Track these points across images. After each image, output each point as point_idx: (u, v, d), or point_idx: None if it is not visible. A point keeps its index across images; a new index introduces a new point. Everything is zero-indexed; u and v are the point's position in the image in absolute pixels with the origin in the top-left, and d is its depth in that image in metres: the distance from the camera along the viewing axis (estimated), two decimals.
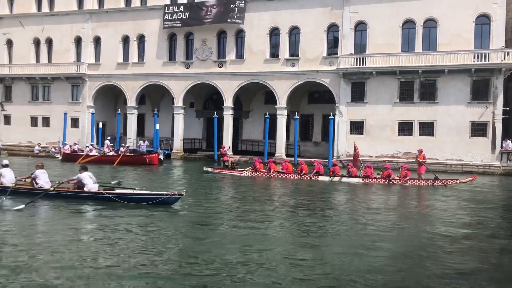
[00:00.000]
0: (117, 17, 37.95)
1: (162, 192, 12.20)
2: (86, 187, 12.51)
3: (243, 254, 7.59)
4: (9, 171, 13.31)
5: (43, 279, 6.09)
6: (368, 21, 31.34)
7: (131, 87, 37.61)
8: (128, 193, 12.26)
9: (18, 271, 6.32)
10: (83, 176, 12.66)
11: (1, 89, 42.16)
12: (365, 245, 8.48)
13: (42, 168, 13.13)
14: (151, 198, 11.78)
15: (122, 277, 6.23)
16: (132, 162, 27.51)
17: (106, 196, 12.05)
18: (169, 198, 11.71)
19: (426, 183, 20.01)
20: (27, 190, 12.72)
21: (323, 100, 35.44)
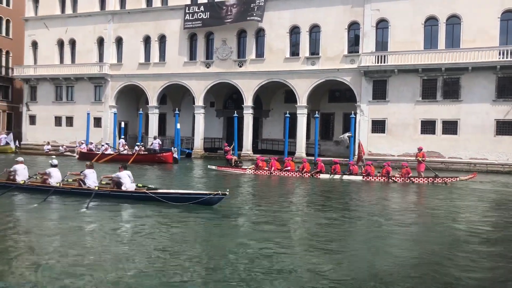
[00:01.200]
0: (138, 18, 38.38)
1: (206, 192, 12.10)
2: (124, 186, 12.50)
3: (295, 257, 7.37)
4: (57, 171, 13.40)
5: (94, 278, 6.10)
6: (390, 18, 30.95)
7: (152, 87, 38.00)
8: (171, 193, 12.21)
9: (71, 271, 6.33)
10: (122, 174, 12.61)
11: (26, 90, 43.09)
12: (399, 247, 8.37)
13: (91, 168, 13.21)
14: (194, 197, 11.70)
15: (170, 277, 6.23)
16: (146, 161, 27.75)
17: (149, 196, 12.04)
18: (212, 198, 11.57)
19: (426, 181, 19.98)
20: (71, 189, 12.89)
21: (344, 98, 35.16)
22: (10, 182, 13.47)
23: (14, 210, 11.13)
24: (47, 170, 13.39)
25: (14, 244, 7.85)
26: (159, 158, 28.17)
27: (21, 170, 13.62)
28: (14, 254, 7.20)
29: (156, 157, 28.46)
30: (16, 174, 13.53)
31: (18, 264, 6.67)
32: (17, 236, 8.50)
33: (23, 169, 13.70)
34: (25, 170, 13.74)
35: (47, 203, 11.67)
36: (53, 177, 13.19)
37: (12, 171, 13.64)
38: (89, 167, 13.23)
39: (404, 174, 20.30)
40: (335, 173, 21.11)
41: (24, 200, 12.17)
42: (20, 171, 13.58)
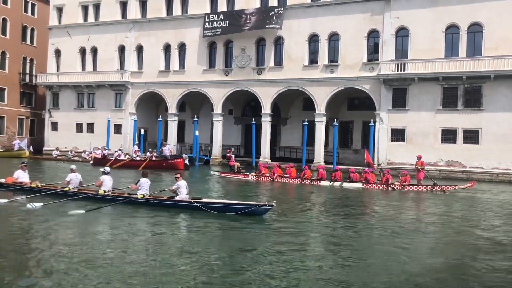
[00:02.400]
0: (159, 26, 38.91)
1: (252, 202, 11.92)
2: (179, 196, 12.42)
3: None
4: (109, 179, 13.56)
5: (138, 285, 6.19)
6: (410, 26, 30.74)
7: (171, 94, 38.39)
8: (217, 203, 12.11)
9: (111, 278, 6.43)
10: (181, 184, 12.51)
11: (49, 97, 43.96)
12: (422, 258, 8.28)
13: (146, 177, 13.23)
14: (240, 208, 11.51)
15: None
16: (158, 167, 28.05)
17: (194, 205, 11.93)
18: (258, 208, 11.38)
19: (426, 189, 20.08)
20: (114, 197, 12.98)
21: (363, 106, 34.96)
22: (56, 189, 13.79)
23: (60, 218, 10.98)
24: (101, 177, 13.56)
25: (69, 250, 7.90)
26: (170, 164, 28.47)
27: (74, 179, 14.00)
28: (74, 259, 7.28)
29: (167, 163, 28.79)
30: (69, 183, 13.90)
31: (72, 268, 6.80)
32: (69, 241, 8.63)
33: (76, 178, 14.07)
34: (77, 179, 14.12)
35: (92, 210, 11.60)
36: (105, 185, 13.36)
37: (68, 180, 14.02)
38: (144, 175, 13.25)
39: (402, 182, 20.51)
40: (335, 180, 21.40)
41: (71, 208, 12.03)
42: (73, 180, 13.96)
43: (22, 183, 14.62)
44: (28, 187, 14.24)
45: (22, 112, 49.53)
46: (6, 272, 6.50)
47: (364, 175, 21.33)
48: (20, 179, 14.83)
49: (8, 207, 11.78)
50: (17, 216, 10.81)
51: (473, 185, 20.25)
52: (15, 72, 48.44)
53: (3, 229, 9.41)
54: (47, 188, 14.18)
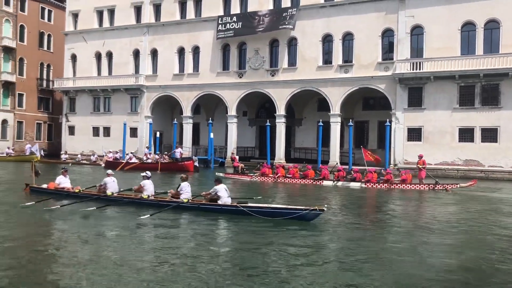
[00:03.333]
0: (172, 30, 39.19)
1: (301, 207, 11.27)
2: (220, 200, 12.00)
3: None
4: (150, 184, 13.28)
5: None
6: (425, 24, 30.44)
7: (186, 97, 38.61)
8: (263, 207, 11.65)
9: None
10: (219, 188, 12.13)
11: (66, 101, 44.58)
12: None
13: (186, 181, 12.88)
14: (288, 212, 10.99)
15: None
16: (168, 169, 28.25)
17: (240, 210, 11.46)
18: (308, 213, 10.79)
19: (427, 188, 20.26)
20: (158, 202, 12.64)
21: (379, 106, 34.70)
22: (100, 194, 13.62)
23: (102, 222, 10.86)
24: (141, 182, 13.27)
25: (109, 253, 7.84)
26: (180, 166, 28.68)
27: (110, 182, 13.74)
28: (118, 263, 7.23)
29: (177, 165, 29.01)
30: (106, 187, 13.65)
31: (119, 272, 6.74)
32: (112, 245, 8.53)
33: (113, 182, 13.80)
34: (114, 183, 13.83)
35: (135, 215, 11.40)
36: (147, 190, 13.09)
37: (103, 184, 13.80)
38: (184, 180, 12.86)
39: (403, 179, 20.90)
40: (338, 180, 21.67)
41: (112, 213, 11.93)
42: (110, 184, 13.70)
43: (64, 188, 14.54)
44: (71, 192, 14.14)
45: (40, 117, 50.34)
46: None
47: (386, 176, 21.25)
48: (62, 185, 14.70)
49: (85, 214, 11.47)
50: (81, 222, 10.64)
51: (474, 183, 20.28)
52: (33, 78, 49.28)
53: (80, 236, 9.19)
54: (90, 193, 13.99)
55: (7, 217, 10.99)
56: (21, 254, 7.58)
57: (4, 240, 8.52)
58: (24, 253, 7.63)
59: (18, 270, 6.69)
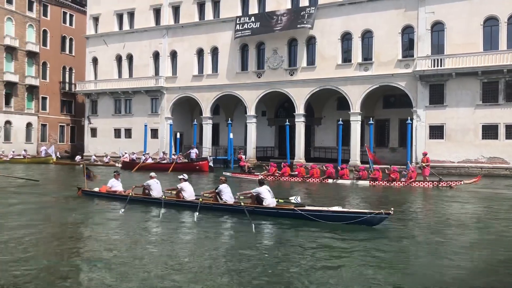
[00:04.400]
0: (191, 31, 39.47)
1: (365, 211, 10.73)
2: (264, 202, 11.55)
3: None
4: (188, 185, 13.02)
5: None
6: (446, 20, 29.98)
7: (205, 98, 38.85)
8: (324, 211, 10.93)
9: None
10: (262, 190, 11.66)
11: (88, 104, 45.34)
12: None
13: (225, 183, 12.55)
14: (352, 217, 10.34)
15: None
16: (183, 169, 28.41)
17: (298, 213, 10.91)
18: (373, 217, 10.12)
19: (432, 185, 20.44)
20: (204, 204, 12.26)
21: (399, 104, 34.31)
22: (150, 197, 13.48)
23: (153, 223, 10.80)
24: (179, 185, 13.03)
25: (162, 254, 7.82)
26: (195, 166, 28.91)
27: (154, 184, 13.57)
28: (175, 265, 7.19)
29: (192, 165, 29.28)
30: (150, 189, 13.52)
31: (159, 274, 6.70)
32: (158, 245, 8.52)
33: (156, 184, 13.61)
34: (158, 185, 13.65)
35: (183, 217, 11.33)
36: (185, 191, 12.87)
37: (146, 186, 13.64)
38: (223, 181, 12.58)
39: (409, 178, 20.99)
40: (342, 178, 22.17)
41: (165, 215, 11.66)
42: (153, 186, 13.55)
43: (116, 191, 14.46)
44: (123, 195, 13.98)
45: (63, 120, 51.33)
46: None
47: (374, 172, 21.66)
48: (114, 188, 14.62)
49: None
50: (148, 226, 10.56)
51: (478, 179, 20.51)
52: (55, 81, 50.31)
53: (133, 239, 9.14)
54: (142, 196, 13.76)
55: (63, 220, 11.09)
56: (74, 258, 7.62)
57: (56, 242, 8.73)
58: (78, 258, 7.65)
59: (74, 272, 6.79)
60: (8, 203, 13.66)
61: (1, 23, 44.57)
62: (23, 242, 8.51)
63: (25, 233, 9.28)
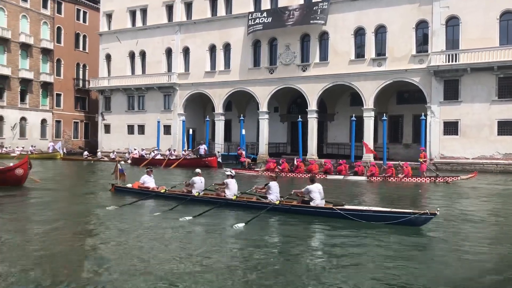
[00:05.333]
0: (204, 27, 39.51)
1: (409, 210, 10.10)
2: (313, 202, 11.00)
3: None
4: (234, 183, 12.56)
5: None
6: (461, 15, 29.57)
7: (218, 94, 38.90)
8: (365, 210, 10.48)
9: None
10: (313, 188, 11.05)
11: (101, 100, 45.70)
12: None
13: (275, 180, 12.00)
14: (394, 217, 9.84)
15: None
16: (192, 165, 28.67)
17: (337, 213, 10.48)
18: (417, 218, 9.61)
19: (429, 180, 20.80)
20: (247, 202, 12.01)
21: (413, 100, 33.98)
22: (186, 194, 13.17)
23: (191, 224, 10.24)
24: (225, 180, 12.57)
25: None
26: (204, 162, 29.18)
27: (198, 183, 13.17)
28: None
29: (201, 161, 29.56)
30: (193, 187, 13.14)
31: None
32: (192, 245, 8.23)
33: (200, 182, 13.21)
34: (202, 183, 13.26)
35: (219, 215, 10.96)
36: (229, 189, 12.35)
37: (190, 183, 13.28)
38: (273, 179, 12.00)
39: (405, 174, 21.36)
40: (340, 174, 22.47)
41: (197, 211, 11.20)
42: (197, 184, 13.14)
43: (149, 188, 14.25)
44: (156, 192, 13.83)
45: (77, 116, 51.85)
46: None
47: (370, 168, 22.08)
48: (147, 184, 14.43)
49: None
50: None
51: (475, 175, 20.83)
52: (69, 78, 50.80)
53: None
54: (176, 193, 13.53)
55: (95, 218, 11.06)
56: (107, 254, 7.58)
57: (87, 238, 8.80)
58: (112, 254, 7.54)
59: (104, 268, 6.75)
60: (51, 201, 13.64)
61: (16, 20, 45.10)
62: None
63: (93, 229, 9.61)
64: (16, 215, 11.20)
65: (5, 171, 15.95)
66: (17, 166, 15.95)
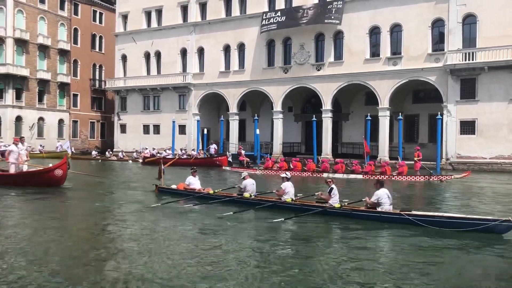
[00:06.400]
0: (218, 28, 39.65)
1: (488, 217, 9.29)
2: (381, 208, 10.25)
3: None
4: (291, 186, 12.01)
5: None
6: (478, 13, 29.18)
7: (232, 94, 39.01)
8: (436, 216, 9.71)
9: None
10: (381, 194, 10.31)
11: (117, 101, 46.19)
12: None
13: (332, 184, 11.30)
14: (470, 223, 9.04)
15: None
16: (202, 164, 28.84)
17: (405, 218, 9.75)
18: (497, 225, 8.76)
19: (423, 179, 21.01)
20: (302, 206, 11.37)
21: (429, 99, 33.64)
22: (235, 196, 12.80)
23: (238, 227, 9.92)
24: (283, 185, 11.98)
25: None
26: (214, 161, 29.43)
27: (250, 185, 12.73)
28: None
29: (212, 161, 29.67)
30: (245, 190, 12.66)
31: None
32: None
33: (252, 185, 12.77)
34: (253, 186, 12.81)
35: (288, 221, 10.29)
36: (288, 193, 11.87)
37: (243, 188, 12.78)
38: (329, 183, 11.32)
39: (399, 172, 21.68)
40: (336, 172, 22.73)
41: (249, 217, 10.97)
42: (249, 187, 12.69)
43: (195, 189, 13.87)
44: (203, 193, 13.38)
45: (93, 116, 52.51)
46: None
47: (366, 167, 22.51)
48: (192, 186, 14.03)
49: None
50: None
51: (468, 174, 21.09)
52: (86, 79, 51.49)
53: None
54: (225, 195, 13.03)
55: (136, 217, 10.82)
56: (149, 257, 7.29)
57: (129, 240, 8.51)
58: (154, 257, 7.29)
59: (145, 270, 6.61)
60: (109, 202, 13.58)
61: (34, 22, 45.85)
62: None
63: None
64: (67, 217, 11.17)
65: (45, 172, 15.79)
66: (56, 166, 15.67)
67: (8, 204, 12.75)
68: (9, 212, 11.26)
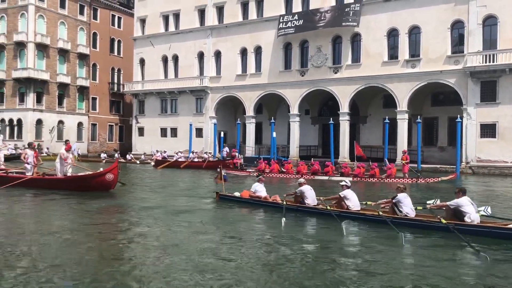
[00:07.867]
0: (235, 31, 39.79)
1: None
2: (467, 217, 9.13)
3: None
4: (352, 193, 11.11)
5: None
6: (499, 14, 28.71)
7: (249, 97, 39.07)
8: (486, 226, 8.89)
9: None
10: (463, 201, 9.30)
11: (135, 104, 46.66)
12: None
13: (404, 192, 10.23)
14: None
15: None
16: (214, 167, 28.77)
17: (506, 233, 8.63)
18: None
19: (410, 181, 21.29)
20: (364, 216, 10.51)
21: (449, 101, 33.18)
22: (298, 204, 11.91)
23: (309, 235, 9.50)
24: (341, 193, 11.11)
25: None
26: (226, 164, 29.44)
27: (308, 191, 11.88)
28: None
29: (223, 163, 29.64)
30: (304, 197, 11.82)
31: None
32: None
33: (310, 190, 11.94)
34: (312, 191, 11.95)
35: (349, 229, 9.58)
36: (350, 199, 10.99)
37: (299, 193, 11.93)
38: (401, 190, 10.20)
39: (388, 175, 22.10)
40: (326, 174, 23.26)
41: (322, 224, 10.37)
42: (307, 193, 11.83)
43: (261, 197, 12.77)
44: (271, 202, 12.40)
45: (112, 119, 53.12)
46: None
47: (356, 169, 22.80)
48: (258, 193, 12.92)
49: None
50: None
51: (454, 176, 21.41)
52: (104, 82, 52.14)
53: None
54: (297, 205, 11.91)
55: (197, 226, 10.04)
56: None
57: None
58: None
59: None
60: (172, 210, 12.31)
61: (55, 27, 46.66)
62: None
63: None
64: (128, 223, 10.40)
65: (96, 176, 15.26)
66: (107, 171, 15.14)
67: (77, 210, 12.07)
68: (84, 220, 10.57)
